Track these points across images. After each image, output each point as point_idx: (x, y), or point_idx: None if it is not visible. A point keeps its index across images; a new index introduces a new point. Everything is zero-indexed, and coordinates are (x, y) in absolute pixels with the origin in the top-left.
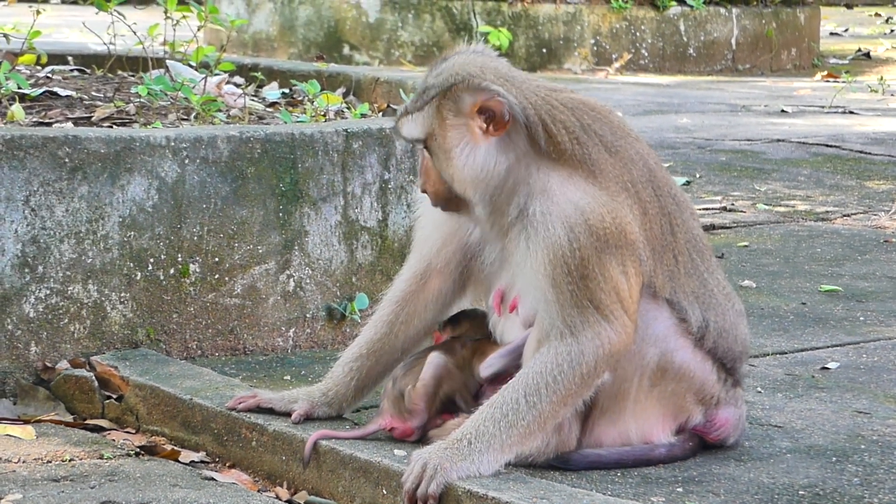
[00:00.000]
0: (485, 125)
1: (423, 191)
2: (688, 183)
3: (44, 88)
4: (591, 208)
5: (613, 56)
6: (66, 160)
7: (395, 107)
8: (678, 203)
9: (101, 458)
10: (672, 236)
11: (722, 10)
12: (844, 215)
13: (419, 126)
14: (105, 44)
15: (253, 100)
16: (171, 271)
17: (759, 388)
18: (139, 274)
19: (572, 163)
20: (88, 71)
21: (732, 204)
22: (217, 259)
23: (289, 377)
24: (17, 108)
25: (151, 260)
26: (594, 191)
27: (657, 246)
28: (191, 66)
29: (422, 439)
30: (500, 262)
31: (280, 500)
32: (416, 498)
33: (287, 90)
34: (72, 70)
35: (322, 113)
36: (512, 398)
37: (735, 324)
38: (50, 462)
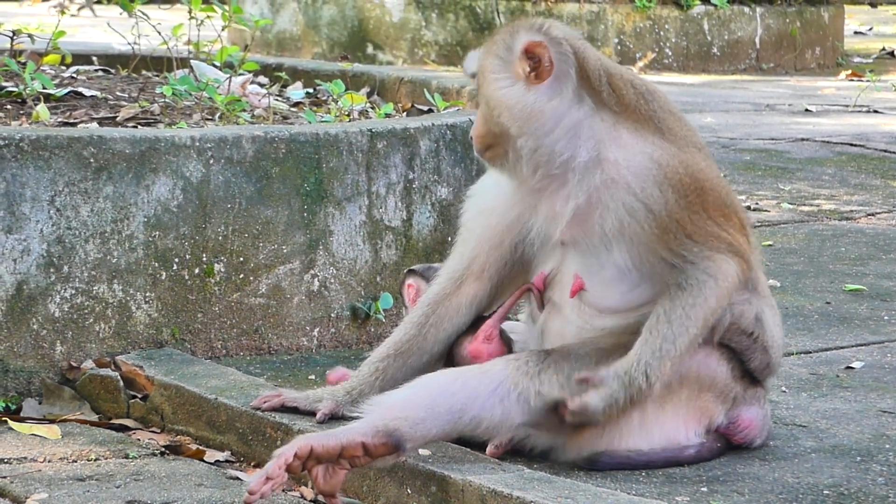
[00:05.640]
0: (528, 69)
1: (471, 136)
2: None
3: (69, 89)
4: (665, 160)
5: (637, 55)
6: (92, 160)
7: (419, 107)
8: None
9: (127, 457)
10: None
11: (746, 9)
12: (869, 214)
13: (474, 60)
14: (129, 44)
15: (277, 100)
16: (196, 271)
17: (783, 388)
18: (164, 274)
19: (637, 117)
20: (113, 71)
21: (757, 203)
22: (242, 259)
23: (313, 377)
24: (42, 109)
25: (176, 260)
26: (663, 143)
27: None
28: (215, 66)
29: None
30: (549, 236)
31: (305, 499)
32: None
33: (311, 90)
34: (96, 70)
35: (346, 113)
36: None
37: (775, 325)
38: (75, 461)
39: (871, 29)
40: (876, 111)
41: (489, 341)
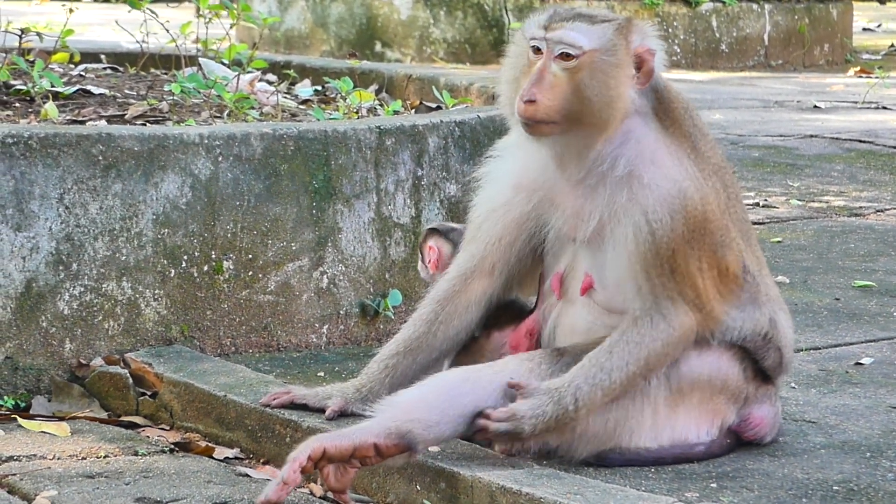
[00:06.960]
0: (635, 72)
1: (531, 100)
2: None
3: (77, 87)
4: (690, 192)
5: None
6: (100, 158)
7: (428, 104)
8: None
9: (136, 454)
10: (746, 224)
11: (754, 6)
12: (878, 211)
13: (587, 38)
14: (138, 42)
15: (285, 97)
16: (205, 268)
17: (792, 384)
18: (173, 271)
19: (680, 134)
20: (121, 69)
21: (766, 200)
22: (251, 256)
23: (322, 374)
24: (50, 107)
25: (185, 257)
26: (693, 169)
27: (742, 229)
28: (223, 64)
29: None
30: (566, 236)
31: (314, 496)
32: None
33: (320, 87)
34: (105, 68)
35: (355, 110)
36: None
37: (787, 326)
38: (84, 459)
39: (879, 25)
40: (885, 108)
41: (531, 337)
